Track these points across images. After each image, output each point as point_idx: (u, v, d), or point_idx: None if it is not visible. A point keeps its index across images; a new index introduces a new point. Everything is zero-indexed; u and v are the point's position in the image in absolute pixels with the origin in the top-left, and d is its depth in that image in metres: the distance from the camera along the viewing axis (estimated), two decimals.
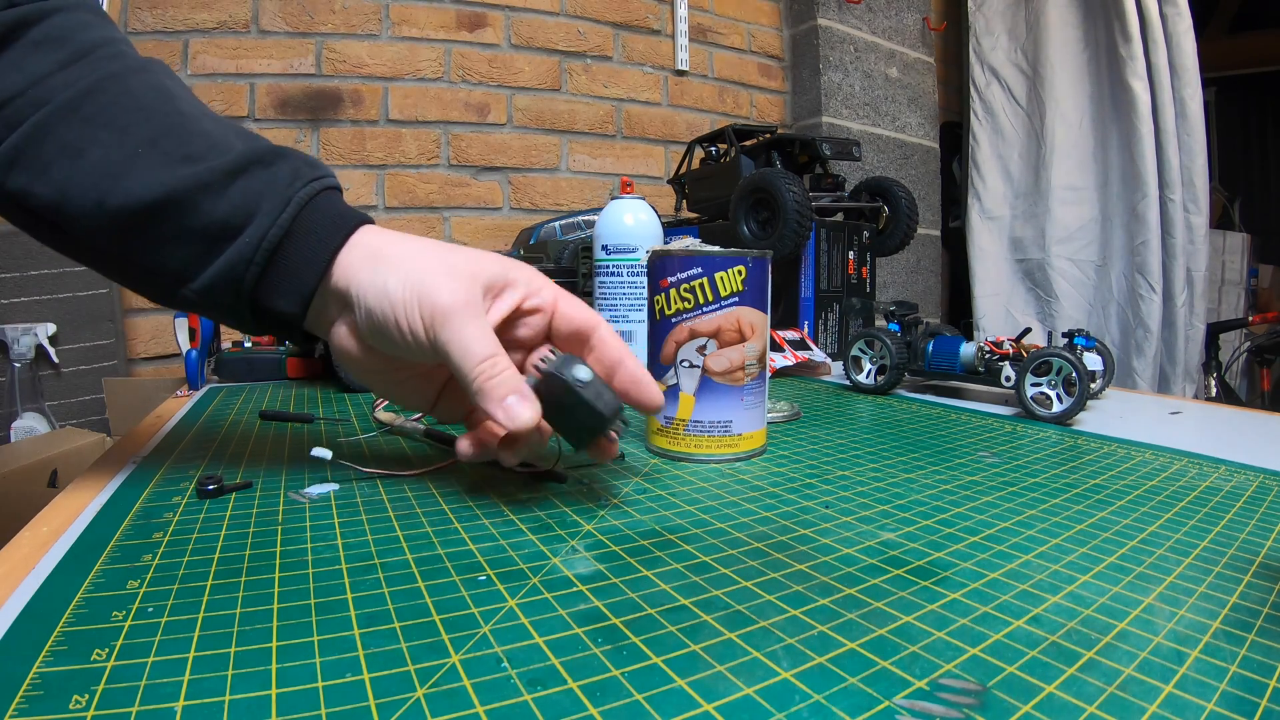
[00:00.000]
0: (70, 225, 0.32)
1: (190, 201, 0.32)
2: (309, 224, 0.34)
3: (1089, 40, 1.89)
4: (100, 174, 0.31)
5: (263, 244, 0.33)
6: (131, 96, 0.33)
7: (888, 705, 0.19)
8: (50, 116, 0.31)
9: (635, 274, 0.65)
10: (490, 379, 0.32)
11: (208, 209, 0.32)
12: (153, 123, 0.33)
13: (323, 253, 0.34)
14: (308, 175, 0.35)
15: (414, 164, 1.34)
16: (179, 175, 0.32)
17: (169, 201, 0.32)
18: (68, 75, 0.32)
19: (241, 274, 0.33)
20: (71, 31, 0.33)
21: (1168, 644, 0.22)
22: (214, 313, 0.35)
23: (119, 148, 0.32)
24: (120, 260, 0.34)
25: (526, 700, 0.19)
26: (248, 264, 0.33)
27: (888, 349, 0.65)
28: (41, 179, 0.31)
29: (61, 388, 1.10)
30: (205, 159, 0.33)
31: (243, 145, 0.34)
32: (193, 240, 0.33)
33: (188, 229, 0.32)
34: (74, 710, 0.18)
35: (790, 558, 0.28)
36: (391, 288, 0.33)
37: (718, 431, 0.43)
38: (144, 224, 0.32)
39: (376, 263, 0.34)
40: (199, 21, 1.17)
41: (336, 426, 0.52)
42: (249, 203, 0.33)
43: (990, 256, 2.01)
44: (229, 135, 0.34)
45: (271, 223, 0.33)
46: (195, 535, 0.30)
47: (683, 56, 1.60)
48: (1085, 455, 0.45)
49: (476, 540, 0.30)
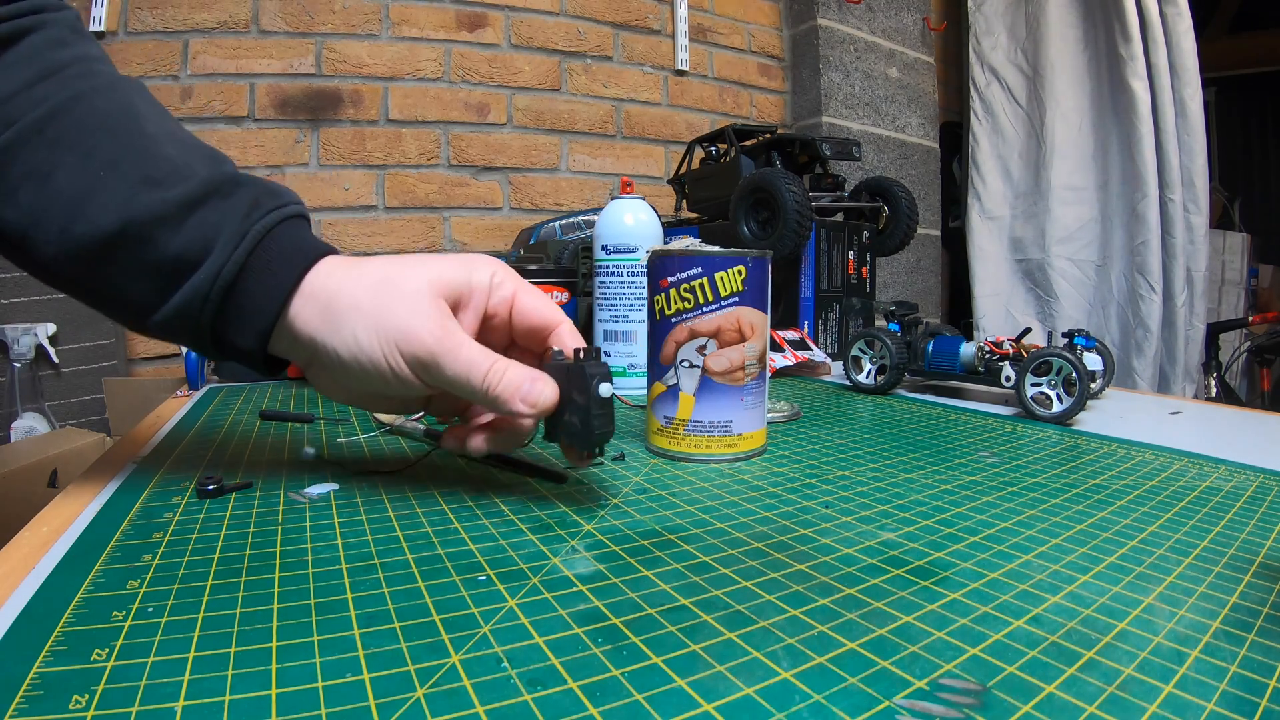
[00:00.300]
0: (36, 251, 0.32)
1: (147, 234, 0.31)
2: (265, 258, 0.33)
3: (1089, 40, 1.89)
4: (64, 200, 0.31)
5: (218, 281, 0.32)
6: (97, 116, 0.32)
7: (888, 705, 0.19)
8: (16, 139, 0.31)
9: (635, 274, 0.65)
10: (499, 384, 0.32)
11: (164, 242, 0.32)
12: (116, 144, 0.32)
13: (278, 291, 0.33)
14: (267, 205, 0.34)
15: (414, 164, 1.34)
16: (138, 203, 0.31)
17: (126, 233, 0.31)
18: (34, 94, 0.31)
19: (198, 310, 0.33)
20: (42, 49, 0.32)
21: (1168, 644, 0.22)
22: (182, 340, 0.35)
23: (82, 172, 0.31)
24: (87, 287, 0.34)
25: (526, 700, 0.19)
26: (204, 300, 0.32)
27: (888, 349, 0.65)
28: (9, 204, 0.31)
29: (61, 388, 1.10)
30: (165, 183, 0.32)
31: (205, 171, 0.33)
32: (151, 274, 0.32)
33: (146, 262, 0.32)
34: (74, 710, 0.18)
35: (790, 558, 0.28)
36: (363, 341, 0.32)
37: (718, 431, 0.43)
38: (104, 254, 0.32)
39: (334, 316, 0.33)
40: (199, 21, 1.17)
41: (336, 426, 0.52)
42: (205, 236, 0.32)
43: (990, 256, 2.01)
44: (192, 159, 0.34)
45: (226, 258, 0.32)
46: (195, 535, 0.30)
47: (683, 56, 1.61)
48: (1085, 455, 0.45)
49: (476, 540, 0.30)
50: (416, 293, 0.33)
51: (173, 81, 1.15)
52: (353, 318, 0.33)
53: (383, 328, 0.32)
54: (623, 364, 0.66)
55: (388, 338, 0.32)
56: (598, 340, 0.66)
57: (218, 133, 1.18)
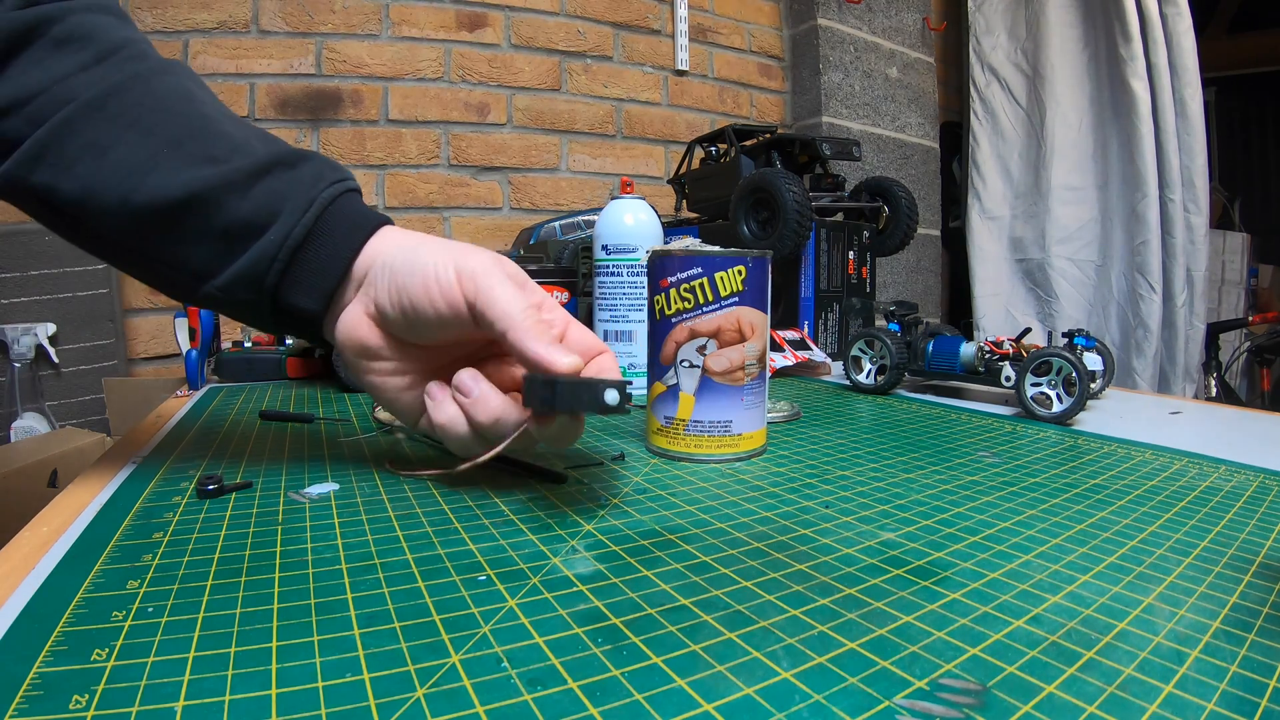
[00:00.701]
0: (94, 222, 0.33)
1: (215, 200, 0.33)
2: (332, 224, 0.35)
3: (1089, 40, 1.89)
4: (125, 172, 0.32)
5: (286, 242, 0.34)
6: (155, 98, 0.33)
7: (888, 705, 0.19)
8: (75, 114, 0.31)
9: (635, 274, 0.65)
10: (536, 325, 0.32)
11: (232, 208, 0.33)
12: (176, 124, 0.33)
13: (345, 252, 0.35)
14: (330, 177, 0.36)
15: (414, 164, 1.34)
16: (203, 175, 0.32)
17: (193, 200, 0.32)
18: (91, 75, 0.32)
19: (264, 271, 0.34)
20: (94, 31, 0.33)
21: (1168, 644, 0.22)
22: (234, 310, 0.36)
23: (143, 147, 0.32)
24: (142, 257, 0.34)
25: (526, 700, 0.19)
26: (271, 261, 0.34)
27: (888, 349, 0.65)
28: (66, 175, 0.32)
29: (61, 388, 1.10)
30: (229, 160, 0.33)
31: (265, 148, 0.35)
32: (216, 238, 0.33)
33: (211, 227, 0.33)
34: (74, 710, 0.18)
35: (790, 558, 0.28)
36: (423, 255, 0.34)
37: (718, 431, 0.43)
38: (168, 221, 0.32)
39: (403, 242, 0.35)
40: (199, 21, 1.17)
41: (336, 426, 0.52)
42: (273, 203, 0.34)
43: (990, 256, 2.01)
44: (250, 138, 0.35)
45: (295, 222, 0.34)
46: (195, 535, 0.30)
47: (683, 56, 1.61)
48: (1085, 455, 0.45)
49: (476, 540, 0.30)
50: (481, 250, 0.35)
51: None
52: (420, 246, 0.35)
53: (444, 251, 0.34)
54: (623, 364, 0.66)
55: (449, 256, 0.34)
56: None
57: None
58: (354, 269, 0.35)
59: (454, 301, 0.33)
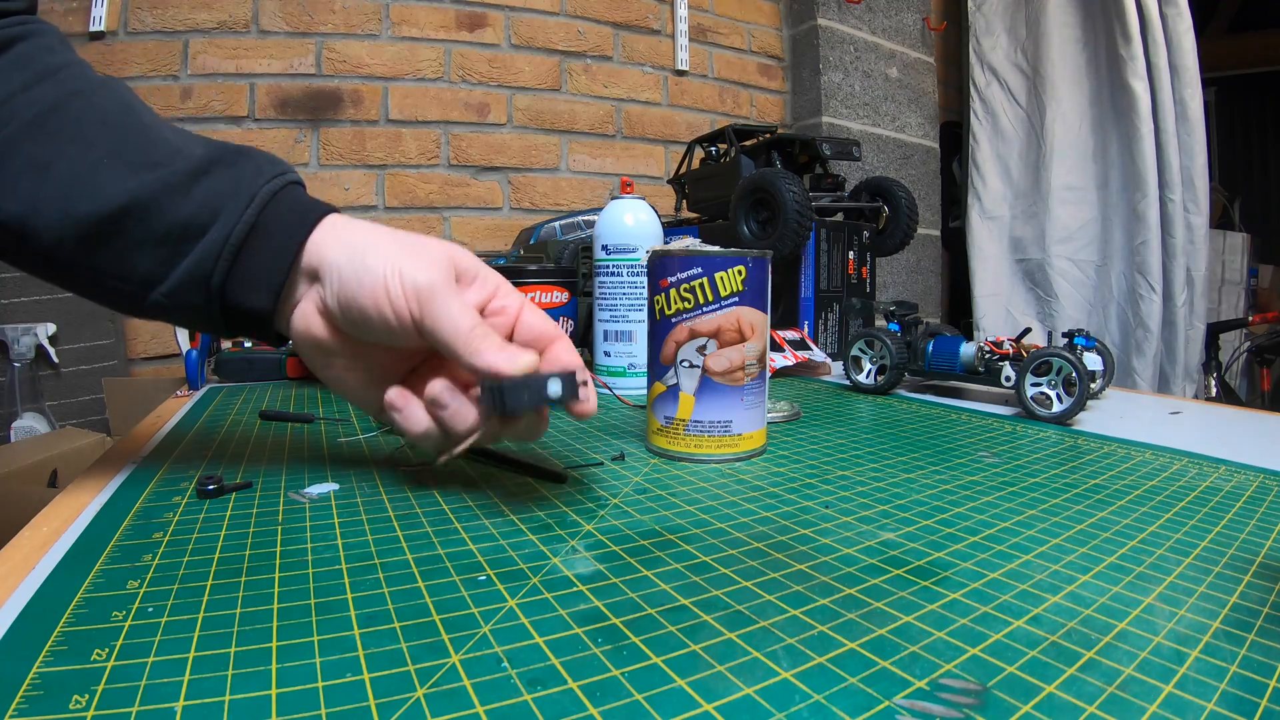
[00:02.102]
0: (36, 238, 0.32)
1: (156, 204, 0.32)
2: (275, 217, 0.34)
3: (1089, 40, 1.89)
4: (66, 186, 0.31)
5: (229, 239, 0.33)
6: (95, 111, 0.33)
7: (888, 705, 0.19)
8: (16, 134, 0.31)
9: (635, 274, 0.65)
10: (483, 340, 0.32)
11: (172, 210, 0.32)
12: (116, 135, 0.33)
13: (290, 244, 0.34)
14: (270, 171, 0.35)
15: (414, 164, 1.34)
16: (143, 180, 0.32)
17: (134, 205, 0.32)
18: (31, 95, 0.32)
19: (209, 271, 0.33)
20: (34, 55, 0.33)
21: (1168, 644, 0.22)
22: (183, 316, 0.35)
23: (83, 160, 0.32)
24: (88, 270, 0.34)
25: (526, 700, 0.19)
26: (215, 260, 0.33)
27: (888, 349, 0.65)
28: (10, 195, 0.31)
29: (61, 388, 1.10)
30: (169, 164, 0.33)
31: (204, 150, 0.34)
32: (159, 242, 0.33)
33: (154, 231, 0.32)
34: (74, 710, 0.18)
35: (790, 558, 0.28)
36: (371, 262, 0.33)
37: (718, 431, 0.43)
38: (110, 231, 0.32)
39: (350, 239, 0.34)
40: (199, 21, 1.17)
41: (336, 426, 0.52)
42: (213, 201, 0.33)
43: (990, 256, 2.01)
44: (191, 143, 0.35)
45: (237, 218, 0.33)
46: (195, 535, 0.30)
47: (683, 56, 1.61)
48: (1085, 455, 0.45)
49: (476, 540, 0.30)
50: (428, 249, 0.34)
51: (173, 81, 1.15)
52: (367, 245, 0.34)
53: (391, 258, 0.33)
54: (623, 364, 0.66)
55: (394, 267, 0.33)
56: (597, 340, 0.66)
57: (218, 133, 1.18)
58: (302, 262, 0.34)
59: (402, 318, 0.33)
